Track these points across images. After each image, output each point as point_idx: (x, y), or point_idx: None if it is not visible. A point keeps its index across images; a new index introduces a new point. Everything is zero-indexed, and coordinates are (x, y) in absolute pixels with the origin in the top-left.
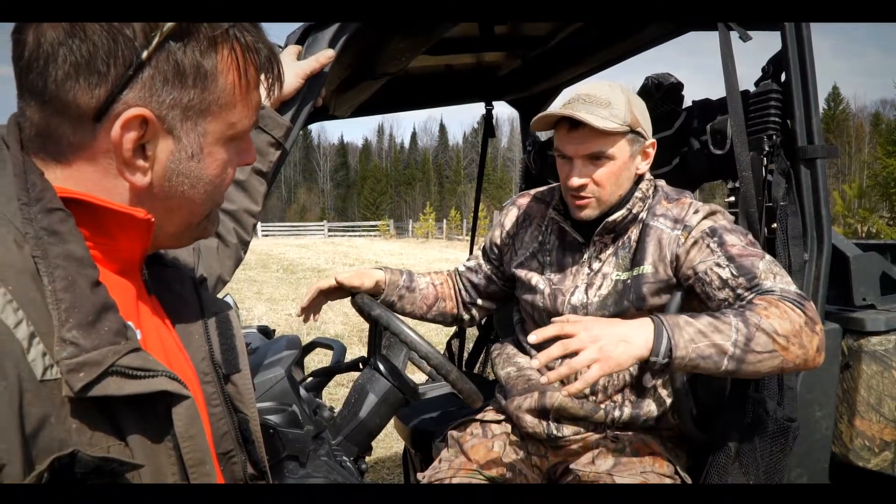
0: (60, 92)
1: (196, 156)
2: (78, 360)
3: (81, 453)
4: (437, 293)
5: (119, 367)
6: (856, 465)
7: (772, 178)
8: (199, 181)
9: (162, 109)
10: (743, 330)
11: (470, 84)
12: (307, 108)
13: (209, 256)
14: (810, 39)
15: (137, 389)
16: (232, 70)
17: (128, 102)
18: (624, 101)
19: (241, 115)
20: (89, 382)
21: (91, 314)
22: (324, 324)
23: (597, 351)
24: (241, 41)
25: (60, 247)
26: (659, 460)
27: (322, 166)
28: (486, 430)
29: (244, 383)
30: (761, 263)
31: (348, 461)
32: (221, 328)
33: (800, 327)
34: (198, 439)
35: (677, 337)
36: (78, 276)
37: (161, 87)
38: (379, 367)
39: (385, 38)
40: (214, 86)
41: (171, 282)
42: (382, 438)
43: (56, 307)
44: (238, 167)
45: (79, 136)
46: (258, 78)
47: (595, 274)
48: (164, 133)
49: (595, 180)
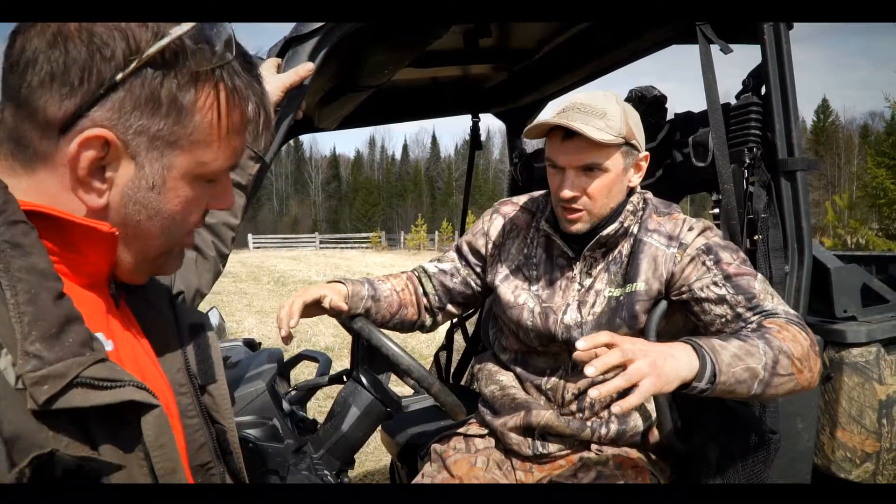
0: (33, 98)
1: (157, 187)
2: (41, 374)
3: (61, 453)
4: (399, 300)
5: (84, 379)
6: (838, 477)
7: (753, 190)
8: (157, 214)
9: (127, 134)
10: (770, 353)
11: (456, 96)
12: (287, 122)
13: (187, 269)
14: (790, 52)
15: (104, 400)
16: (212, 110)
17: (94, 120)
18: (619, 112)
19: (216, 156)
20: (54, 395)
21: (54, 326)
22: (314, 336)
23: (649, 365)
24: (227, 84)
25: (23, 260)
26: (642, 473)
27: (314, 178)
28: (469, 445)
29: (220, 394)
30: (756, 283)
31: (330, 475)
32: (197, 339)
33: (807, 351)
34: (168, 448)
35: (719, 360)
36: (41, 288)
37: (130, 112)
38: (362, 380)
39: (367, 51)
40: (189, 121)
41: (147, 293)
42: (371, 451)
43: (19, 320)
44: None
45: (44, 144)
46: (243, 124)
47: (587, 291)
48: (126, 158)
49: (587, 193)
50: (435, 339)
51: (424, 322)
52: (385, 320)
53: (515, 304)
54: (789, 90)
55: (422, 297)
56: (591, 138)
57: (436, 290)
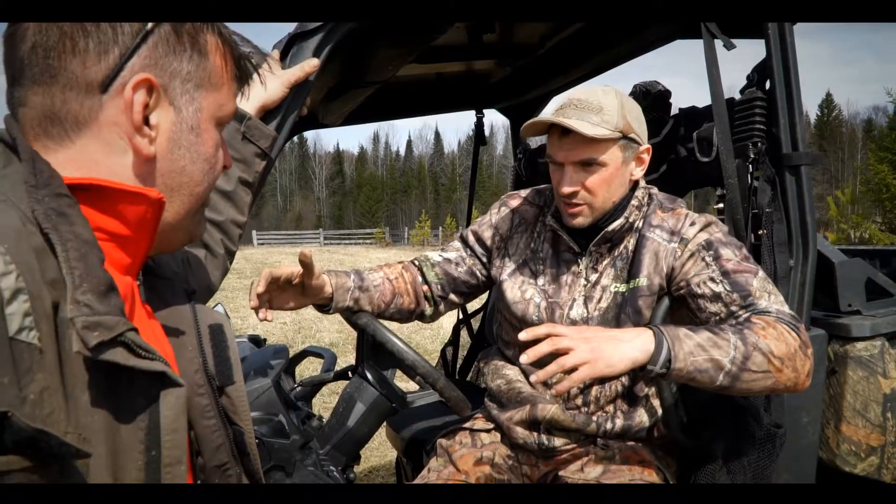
0: (65, 67)
1: (195, 129)
2: (93, 320)
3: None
4: (393, 289)
5: (126, 339)
6: (843, 471)
7: (757, 184)
8: (199, 157)
9: (164, 77)
10: (741, 348)
11: (460, 92)
12: (292, 118)
13: (198, 267)
14: (794, 48)
15: (140, 365)
16: (219, 52)
17: (133, 70)
18: (617, 106)
19: (227, 99)
20: (103, 342)
21: (102, 285)
22: (318, 332)
23: (588, 351)
24: (222, 32)
25: (70, 227)
26: (648, 468)
27: (318, 174)
28: (475, 440)
29: (238, 395)
30: (755, 281)
31: (335, 471)
32: (215, 340)
33: (794, 351)
34: (179, 435)
35: (677, 349)
36: (89, 251)
37: (164, 56)
38: (367, 376)
39: (372, 47)
40: (207, 62)
41: (165, 293)
42: (377, 447)
43: (70, 273)
44: (223, 175)
45: (85, 108)
46: (236, 69)
47: (593, 286)
48: (166, 102)
49: (586, 187)
50: (441, 334)
51: (424, 311)
52: (380, 310)
53: (521, 298)
54: (793, 85)
55: (421, 286)
56: (585, 134)
57: (439, 278)
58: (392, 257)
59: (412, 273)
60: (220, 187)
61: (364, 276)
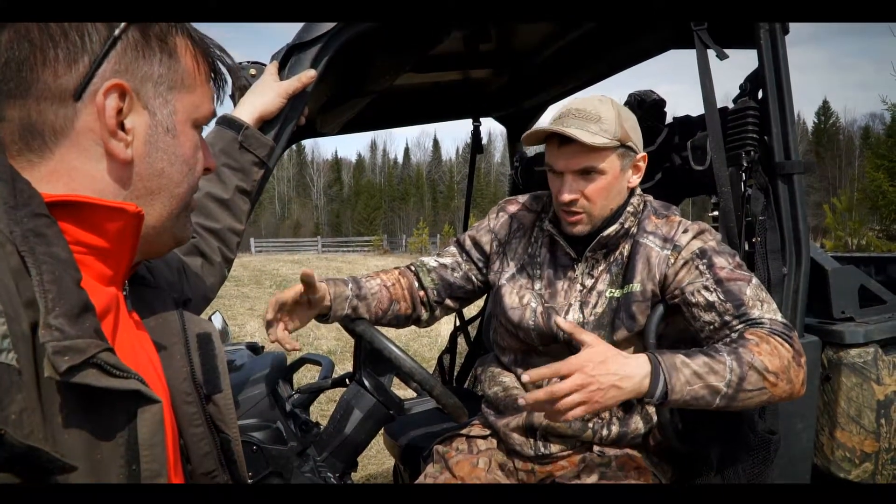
0: (38, 78)
1: (171, 131)
2: (64, 344)
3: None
4: (390, 295)
5: (99, 360)
6: (837, 477)
7: (751, 192)
8: (177, 159)
9: (135, 81)
10: (737, 370)
11: (458, 101)
12: (290, 127)
13: (194, 276)
14: (786, 57)
15: (113, 385)
16: (188, 54)
17: (104, 76)
18: (614, 116)
19: (202, 100)
20: (73, 366)
21: (76, 308)
22: (316, 339)
23: (583, 395)
24: (191, 34)
25: (46, 248)
26: (644, 474)
27: (316, 182)
28: (471, 446)
29: (226, 403)
30: (748, 289)
31: (333, 477)
32: (203, 348)
33: (788, 363)
34: (158, 449)
35: (674, 380)
36: (63, 273)
37: (133, 60)
38: (364, 383)
39: (369, 57)
40: (177, 64)
41: (153, 302)
42: (374, 454)
43: (43, 296)
44: (220, 184)
45: (61, 117)
46: (210, 71)
47: (589, 291)
48: (139, 107)
49: (586, 195)
50: (438, 342)
51: (420, 316)
52: (378, 317)
53: (519, 304)
54: (786, 94)
55: (417, 291)
56: (585, 143)
57: (435, 283)
58: (390, 265)
59: (409, 278)
60: (217, 195)
61: (361, 284)
